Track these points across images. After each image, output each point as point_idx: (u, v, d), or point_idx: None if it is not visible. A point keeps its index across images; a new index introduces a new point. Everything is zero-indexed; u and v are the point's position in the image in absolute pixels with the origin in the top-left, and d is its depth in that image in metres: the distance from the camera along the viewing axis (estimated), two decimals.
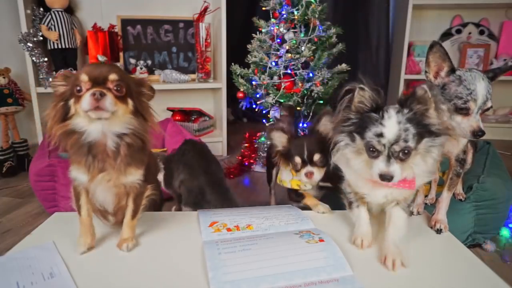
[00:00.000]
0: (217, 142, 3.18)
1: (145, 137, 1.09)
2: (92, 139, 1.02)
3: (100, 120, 0.99)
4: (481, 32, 3.74)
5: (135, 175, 1.10)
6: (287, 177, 1.54)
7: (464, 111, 1.11)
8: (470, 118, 1.11)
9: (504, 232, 1.62)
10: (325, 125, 1.43)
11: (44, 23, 2.80)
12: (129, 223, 1.17)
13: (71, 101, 1.01)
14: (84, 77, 0.98)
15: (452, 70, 1.13)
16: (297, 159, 1.43)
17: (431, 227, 1.29)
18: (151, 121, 1.10)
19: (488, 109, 1.12)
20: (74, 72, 1.05)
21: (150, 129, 1.10)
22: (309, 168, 1.42)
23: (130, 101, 1.04)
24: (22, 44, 2.64)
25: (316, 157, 1.41)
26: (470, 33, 3.76)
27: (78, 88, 0.98)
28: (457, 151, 1.28)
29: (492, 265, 1.07)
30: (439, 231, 1.26)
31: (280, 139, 1.49)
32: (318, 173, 1.42)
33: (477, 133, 1.11)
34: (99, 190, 1.11)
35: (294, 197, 1.54)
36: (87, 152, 1.03)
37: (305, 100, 2.42)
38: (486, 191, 1.46)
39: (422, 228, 1.31)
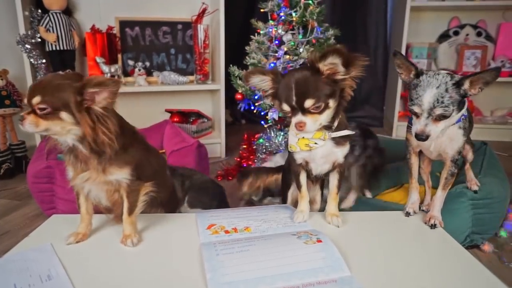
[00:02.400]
0: (215, 144, 3.19)
1: (102, 146, 1.08)
2: (66, 145, 1.11)
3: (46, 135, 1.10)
4: (479, 34, 3.76)
5: (118, 174, 1.14)
6: (293, 140, 1.27)
7: (412, 112, 1.21)
8: (419, 120, 1.19)
9: (502, 232, 1.62)
10: (332, 65, 1.12)
11: (42, 25, 2.80)
12: (127, 219, 1.19)
13: None
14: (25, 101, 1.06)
15: (417, 75, 1.22)
16: (285, 107, 1.16)
17: (425, 223, 1.32)
18: (102, 132, 1.06)
19: (443, 117, 1.16)
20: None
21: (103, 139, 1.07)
22: (299, 117, 1.13)
23: (65, 114, 1.03)
24: (20, 45, 2.64)
25: (308, 103, 1.11)
26: (467, 34, 3.77)
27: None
28: (453, 152, 1.30)
29: (490, 266, 1.07)
30: (433, 226, 1.29)
31: (263, 84, 1.21)
32: (312, 123, 1.14)
33: (418, 136, 1.19)
34: (88, 186, 1.17)
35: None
36: (69, 153, 1.13)
37: None
38: (483, 190, 1.47)
39: (419, 228, 1.32)
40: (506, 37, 3.69)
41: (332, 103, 1.16)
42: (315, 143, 1.22)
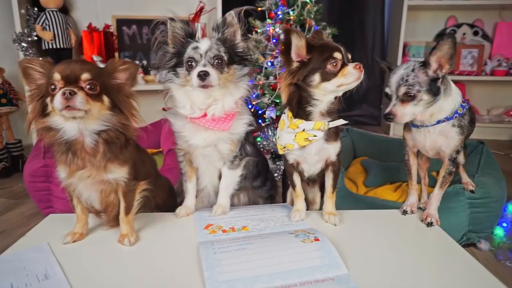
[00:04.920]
0: None
1: (127, 133, 1.11)
2: (69, 137, 1.04)
3: (75, 118, 1.01)
4: (475, 33, 3.77)
5: (118, 173, 1.12)
6: (289, 137, 1.27)
7: (387, 96, 1.29)
8: (390, 103, 1.26)
9: (498, 231, 1.63)
10: None
11: (38, 23, 2.78)
12: (124, 219, 1.19)
13: (48, 99, 1.02)
14: (57, 76, 0.99)
15: (390, 69, 1.33)
16: (338, 55, 1.19)
17: (422, 221, 1.33)
18: (131, 115, 1.10)
19: (409, 96, 1.20)
20: (50, 60, 1.08)
21: (131, 124, 1.10)
22: (352, 63, 1.20)
23: (105, 98, 1.05)
24: (16, 44, 2.62)
25: (349, 56, 1.25)
26: (464, 33, 3.78)
27: (53, 86, 1.00)
28: (449, 150, 1.30)
29: (486, 264, 1.08)
30: (430, 225, 1.30)
31: (297, 43, 1.20)
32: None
33: (386, 116, 1.24)
34: (81, 187, 1.13)
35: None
36: (66, 150, 1.06)
37: None
38: (480, 189, 1.47)
39: (416, 226, 1.32)
40: (503, 36, 3.70)
41: None
42: (314, 136, 1.24)
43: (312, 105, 1.23)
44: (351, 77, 1.18)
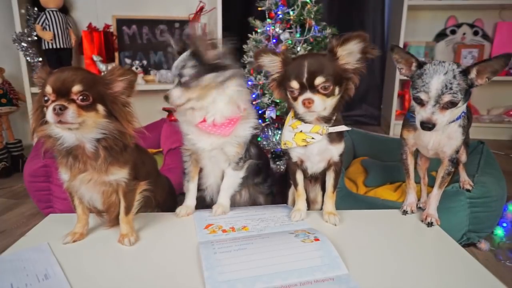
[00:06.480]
0: None
1: (124, 140, 1.10)
2: (69, 145, 1.05)
3: (71, 129, 1.01)
4: (475, 33, 3.77)
5: (118, 174, 1.13)
6: (289, 135, 1.26)
7: (418, 100, 1.17)
8: (425, 109, 1.15)
9: (498, 231, 1.63)
10: (350, 52, 1.15)
11: (38, 23, 2.78)
12: (124, 219, 1.19)
13: (45, 109, 1.01)
14: (48, 89, 0.98)
15: (419, 65, 1.19)
16: (294, 83, 1.12)
17: (422, 221, 1.33)
18: (127, 122, 1.09)
19: (452, 104, 1.13)
20: (46, 68, 1.07)
21: (128, 131, 1.09)
22: (308, 94, 1.10)
23: (100, 107, 1.03)
24: (16, 44, 2.62)
25: (319, 80, 1.10)
26: (464, 33, 3.78)
27: (46, 98, 1.00)
28: (450, 151, 1.30)
29: (486, 264, 1.08)
30: (430, 225, 1.30)
31: (272, 64, 1.20)
32: (320, 102, 1.11)
33: (424, 124, 1.14)
34: (84, 189, 1.14)
35: None
36: (67, 154, 1.07)
37: None
38: (480, 189, 1.47)
39: (416, 226, 1.32)
40: (503, 36, 3.70)
41: (337, 91, 1.17)
42: (312, 138, 1.23)
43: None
44: (299, 109, 1.15)
